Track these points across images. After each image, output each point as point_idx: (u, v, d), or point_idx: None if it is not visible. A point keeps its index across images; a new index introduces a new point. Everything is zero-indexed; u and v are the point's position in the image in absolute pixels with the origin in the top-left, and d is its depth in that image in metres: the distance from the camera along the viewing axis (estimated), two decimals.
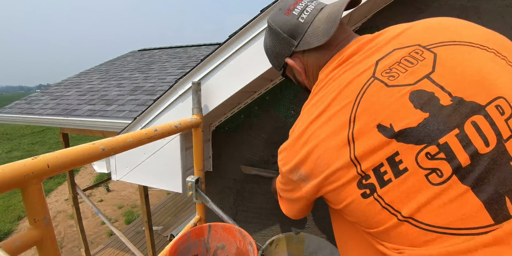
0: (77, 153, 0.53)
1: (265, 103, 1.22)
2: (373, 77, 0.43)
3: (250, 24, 0.90)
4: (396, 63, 0.43)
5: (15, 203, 6.97)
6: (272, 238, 0.94)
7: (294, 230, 1.29)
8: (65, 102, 3.39)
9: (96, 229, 5.54)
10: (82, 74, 4.88)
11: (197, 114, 0.99)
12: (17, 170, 0.42)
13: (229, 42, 0.94)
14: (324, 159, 0.44)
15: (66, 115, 2.92)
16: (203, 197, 1.02)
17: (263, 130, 1.25)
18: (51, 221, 0.49)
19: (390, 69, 0.43)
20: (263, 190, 1.31)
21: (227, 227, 0.91)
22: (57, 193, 7.43)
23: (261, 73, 0.92)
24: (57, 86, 4.29)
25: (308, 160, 0.47)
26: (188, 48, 5.83)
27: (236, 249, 0.90)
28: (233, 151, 1.31)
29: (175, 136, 1.08)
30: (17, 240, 0.43)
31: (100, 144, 0.58)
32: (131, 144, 0.66)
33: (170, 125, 0.83)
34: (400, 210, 0.38)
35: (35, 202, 0.46)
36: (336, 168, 0.43)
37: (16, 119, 3.32)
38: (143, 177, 1.20)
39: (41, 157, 0.47)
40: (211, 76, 1.00)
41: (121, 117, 2.61)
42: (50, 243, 0.48)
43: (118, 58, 5.84)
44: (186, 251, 0.87)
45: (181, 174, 1.11)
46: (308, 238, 0.97)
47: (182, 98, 1.06)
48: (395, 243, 0.40)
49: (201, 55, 4.69)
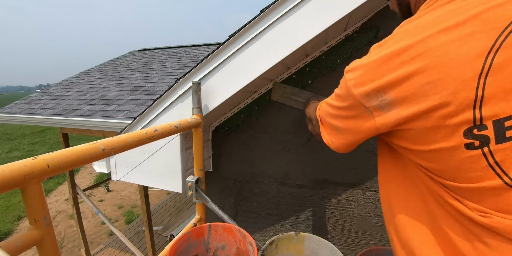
0: (77, 153, 0.53)
1: (265, 103, 1.22)
2: None
3: (250, 24, 0.90)
4: None
5: (15, 203, 6.97)
6: (272, 238, 0.94)
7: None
8: (65, 102, 3.40)
9: (96, 229, 5.54)
10: (82, 74, 4.89)
11: (197, 114, 0.99)
12: (17, 170, 0.42)
13: (229, 42, 0.94)
14: (438, 87, 0.35)
15: (66, 115, 2.92)
16: (203, 197, 1.02)
17: (263, 130, 1.25)
18: (51, 221, 0.49)
19: None
20: (263, 190, 1.31)
21: (227, 227, 0.91)
22: (57, 193, 7.43)
23: (262, 73, 0.92)
24: (57, 86, 4.29)
25: (409, 82, 0.37)
26: (188, 48, 5.83)
27: (236, 249, 0.90)
28: (233, 151, 1.31)
29: (175, 136, 1.08)
30: (17, 240, 0.43)
31: (100, 144, 0.58)
32: (131, 144, 0.66)
33: (170, 125, 0.83)
34: (508, 173, 0.34)
35: (35, 202, 0.46)
36: (447, 103, 0.35)
37: (16, 119, 3.32)
38: (143, 177, 1.20)
39: (41, 157, 0.47)
40: (211, 76, 1.00)
41: (121, 117, 2.61)
42: (50, 243, 0.48)
43: (118, 58, 5.84)
44: (186, 251, 0.87)
45: (181, 174, 1.11)
46: (308, 238, 0.97)
47: (182, 98, 1.06)
48: (484, 205, 0.36)
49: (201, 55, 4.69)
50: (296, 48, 0.87)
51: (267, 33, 0.89)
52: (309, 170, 1.22)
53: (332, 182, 1.20)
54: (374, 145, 1.11)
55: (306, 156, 1.21)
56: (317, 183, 1.22)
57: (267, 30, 0.89)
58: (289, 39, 0.87)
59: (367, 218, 1.19)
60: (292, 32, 0.86)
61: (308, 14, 0.84)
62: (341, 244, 1.24)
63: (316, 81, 1.15)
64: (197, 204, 1.09)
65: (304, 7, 0.84)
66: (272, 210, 1.31)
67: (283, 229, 1.32)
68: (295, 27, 0.86)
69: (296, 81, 1.17)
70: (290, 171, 1.25)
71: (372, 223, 1.19)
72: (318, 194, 1.23)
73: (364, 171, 1.15)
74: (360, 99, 0.43)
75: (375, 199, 1.16)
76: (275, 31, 0.89)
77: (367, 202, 1.18)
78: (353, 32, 1.05)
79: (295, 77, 1.17)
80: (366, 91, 0.42)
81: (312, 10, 0.83)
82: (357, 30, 1.05)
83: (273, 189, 1.29)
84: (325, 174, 1.20)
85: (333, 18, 0.82)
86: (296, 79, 1.17)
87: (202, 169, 1.07)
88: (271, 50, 0.90)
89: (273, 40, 0.89)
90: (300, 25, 0.85)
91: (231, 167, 1.34)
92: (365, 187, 1.17)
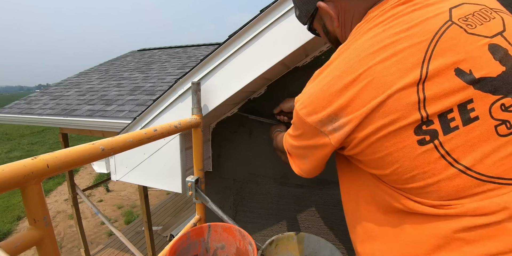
0: (77, 153, 0.53)
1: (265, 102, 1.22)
2: (451, 21, 0.40)
3: (250, 24, 0.90)
4: (470, 14, 0.41)
5: (14, 203, 6.96)
6: (272, 238, 0.94)
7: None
8: (65, 102, 3.39)
9: (96, 229, 5.53)
10: (81, 74, 4.88)
11: (196, 114, 0.99)
12: (17, 170, 0.42)
13: (229, 42, 0.94)
14: (384, 99, 0.39)
15: (65, 115, 2.92)
16: (203, 197, 1.02)
17: (263, 129, 1.25)
18: (51, 221, 0.49)
19: (466, 18, 0.41)
20: (263, 190, 1.31)
21: (226, 227, 0.91)
22: (57, 193, 7.42)
23: (261, 73, 0.92)
24: (56, 86, 4.29)
25: (358, 101, 0.41)
26: (188, 48, 5.83)
27: (236, 249, 0.90)
28: (233, 151, 1.31)
29: (175, 136, 1.08)
30: (17, 240, 0.43)
31: (100, 144, 0.58)
32: (131, 144, 0.66)
33: (170, 125, 0.83)
34: (459, 160, 0.37)
35: (35, 202, 0.46)
36: (394, 110, 0.39)
37: (16, 119, 3.32)
38: (142, 177, 1.20)
39: (41, 157, 0.46)
40: (210, 76, 1.00)
41: (120, 117, 2.61)
42: (49, 243, 0.48)
43: (118, 58, 5.84)
44: (185, 251, 0.87)
45: (181, 174, 1.11)
46: (308, 238, 0.97)
47: (182, 98, 1.06)
48: (440, 198, 0.39)
49: (201, 55, 4.69)
50: (295, 48, 0.87)
51: (267, 33, 0.89)
52: None
53: (332, 182, 1.20)
54: None
55: None
56: (317, 183, 1.22)
57: (267, 30, 0.89)
58: (288, 39, 0.87)
59: None
60: (292, 32, 0.86)
61: None
62: (341, 244, 1.24)
63: None
64: (196, 204, 1.09)
65: None
66: (272, 210, 1.31)
67: (283, 229, 1.32)
68: (295, 27, 0.86)
69: None
70: (290, 171, 1.25)
71: None
72: (318, 194, 1.23)
73: None
74: (314, 126, 0.46)
75: None
76: (275, 31, 0.89)
77: None
78: None
79: None
80: (318, 118, 0.45)
81: None
82: None
83: (273, 189, 1.29)
84: (325, 174, 1.20)
85: None
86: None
87: (202, 169, 1.07)
88: (270, 50, 0.90)
89: (273, 40, 0.89)
90: (300, 25, 0.85)
91: (231, 167, 1.34)
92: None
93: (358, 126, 0.42)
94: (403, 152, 0.40)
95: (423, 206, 0.41)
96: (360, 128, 0.42)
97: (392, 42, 0.40)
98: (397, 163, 0.41)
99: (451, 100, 0.37)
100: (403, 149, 0.40)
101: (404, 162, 0.40)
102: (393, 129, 0.39)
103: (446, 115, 0.38)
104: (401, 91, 0.38)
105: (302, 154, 0.57)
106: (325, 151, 0.50)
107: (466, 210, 0.38)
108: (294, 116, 0.51)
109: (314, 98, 0.45)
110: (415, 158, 0.39)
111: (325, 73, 0.46)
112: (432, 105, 0.38)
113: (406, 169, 0.40)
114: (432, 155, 0.38)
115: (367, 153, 0.44)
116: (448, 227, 0.39)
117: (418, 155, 0.39)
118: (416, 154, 0.39)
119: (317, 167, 0.58)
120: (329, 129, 0.45)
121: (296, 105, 0.49)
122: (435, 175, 0.39)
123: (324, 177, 1.20)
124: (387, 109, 0.39)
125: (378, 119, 0.40)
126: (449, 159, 0.38)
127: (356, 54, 0.42)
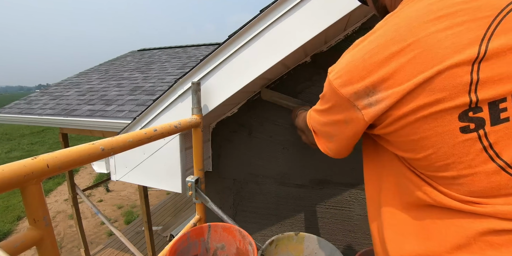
0: (77, 153, 0.53)
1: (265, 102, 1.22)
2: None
3: (250, 24, 0.90)
4: None
5: (14, 203, 6.96)
6: (272, 238, 0.94)
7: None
8: (65, 102, 3.39)
9: (96, 229, 5.53)
10: (81, 74, 4.88)
11: (196, 114, 0.99)
12: (17, 170, 0.42)
13: (229, 42, 0.94)
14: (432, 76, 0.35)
15: (65, 115, 2.92)
16: (203, 197, 1.02)
17: (263, 130, 1.25)
18: (51, 221, 0.49)
19: None
20: (263, 190, 1.31)
21: (226, 227, 0.91)
22: (57, 193, 7.42)
23: (261, 73, 0.92)
24: (56, 86, 4.29)
25: (402, 75, 0.36)
26: (188, 48, 5.83)
27: (236, 249, 0.90)
28: (232, 151, 1.31)
29: (175, 136, 1.08)
30: (17, 240, 0.43)
31: (100, 144, 0.58)
32: (131, 144, 0.66)
33: (170, 125, 0.83)
34: (501, 155, 0.34)
35: (35, 202, 0.46)
36: (441, 89, 0.35)
37: (16, 119, 3.32)
38: (142, 177, 1.20)
39: (41, 157, 0.46)
40: (210, 76, 1.00)
41: (120, 117, 2.61)
42: (49, 243, 0.48)
43: (118, 58, 5.84)
44: (185, 251, 0.87)
45: (181, 174, 1.11)
46: (308, 238, 0.97)
47: (182, 98, 1.06)
48: (470, 193, 0.36)
49: (201, 55, 4.69)
50: (295, 48, 0.87)
51: (267, 33, 0.90)
52: (308, 170, 1.22)
53: (332, 182, 1.20)
54: None
55: (305, 156, 1.21)
56: (317, 183, 1.22)
57: (267, 30, 0.89)
58: (288, 39, 0.87)
59: (367, 218, 1.19)
60: (292, 32, 0.86)
61: (308, 14, 0.84)
62: (341, 244, 1.24)
63: None
64: (196, 204, 1.09)
65: (304, 7, 0.84)
66: (272, 210, 1.31)
67: (282, 229, 1.32)
68: (295, 27, 0.86)
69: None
70: (289, 171, 1.25)
71: None
72: (317, 194, 1.23)
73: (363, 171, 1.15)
74: (348, 98, 0.42)
75: None
76: (274, 31, 0.89)
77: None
78: (353, 32, 1.05)
79: None
80: (354, 89, 0.41)
81: (312, 10, 0.83)
82: (356, 30, 1.05)
83: (273, 189, 1.29)
84: (325, 174, 1.20)
85: (332, 18, 0.82)
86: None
87: (202, 169, 1.07)
88: (270, 50, 0.90)
89: (273, 40, 0.89)
90: (299, 25, 0.85)
91: (231, 167, 1.34)
92: (365, 187, 1.17)
93: (397, 102, 0.37)
94: (442, 137, 0.36)
95: (449, 199, 0.38)
96: (399, 105, 0.38)
97: (451, 13, 0.35)
98: (432, 148, 0.37)
99: (506, 87, 0.33)
100: (442, 135, 0.36)
101: (441, 149, 0.37)
102: (436, 111, 0.35)
103: (498, 103, 0.33)
104: (453, 69, 0.34)
105: (329, 132, 0.53)
106: (356, 128, 0.45)
107: (496, 211, 0.35)
108: (326, 87, 0.47)
109: (352, 67, 0.41)
110: (453, 146, 0.36)
111: (368, 40, 0.41)
112: (485, 89, 0.33)
113: (441, 156, 0.37)
114: (474, 145, 0.35)
115: (400, 134, 0.40)
116: (472, 227, 0.36)
117: (458, 143, 0.35)
118: (456, 142, 0.35)
119: (346, 147, 0.53)
120: (363, 103, 0.40)
121: (330, 75, 0.44)
122: (471, 167, 0.35)
123: (324, 177, 1.20)
124: (433, 87, 0.35)
125: (422, 97, 0.36)
126: (490, 153, 0.34)
127: (407, 22, 0.37)
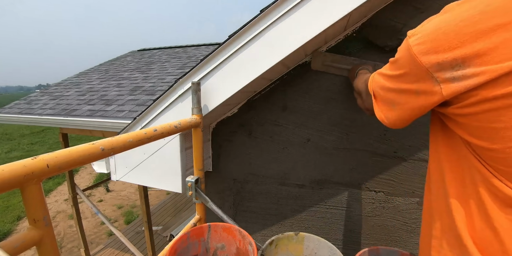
0: (77, 153, 0.53)
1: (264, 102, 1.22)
2: None
3: (250, 24, 0.90)
4: None
5: (14, 203, 6.96)
6: (271, 238, 0.94)
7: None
8: (65, 102, 3.39)
9: (96, 229, 5.53)
10: (81, 74, 4.89)
11: (196, 114, 0.99)
12: (17, 170, 0.42)
13: (229, 42, 0.94)
14: None
15: (65, 115, 2.92)
16: (203, 197, 1.02)
17: (263, 130, 1.25)
18: (51, 221, 0.49)
19: None
20: (263, 190, 1.31)
21: (226, 227, 0.91)
22: (57, 193, 7.42)
23: (261, 72, 0.92)
24: (56, 86, 4.29)
25: (503, 52, 0.31)
26: (188, 48, 5.83)
27: (236, 249, 0.90)
28: (233, 151, 1.31)
29: (175, 136, 1.08)
30: (17, 240, 0.43)
31: (100, 144, 0.58)
32: (131, 144, 0.66)
33: (170, 125, 0.83)
34: None
35: (35, 202, 0.46)
36: None
37: (16, 119, 3.32)
38: (142, 177, 1.20)
39: (41, 157, 0.46)
40: (210, 76, 1.00)
41: (120, 117, 2.61)
42: (49, 243, 0.48)
43: (118, 58, 5.84)
44: (185, 251, 0.87)
45: (181, 174, 1.11)
46: (308, 238, 0.97)
47: (182, 98, 1.06)
48: None
49: (201, 55, 4.69)
50: (295, 48, 0.87)
51: (267, 33, 0.89)
52: (309, 170, 1.22)
53: (332, 182, 1.20)
54: (374, 145, 1.12)
55: (306, 156, 1.21)
56: (317, 183, 1.22)
57: (267, 30, 0.89)
58: (288, 39, 0.87)
59: (367, 218, 1.19)
60: (292, 32, 0.86)
61: (308, 14, 0.84)
62: (341, 244, 1.24)
63: None
64: (196, 204, 1.09)
65: (304, 7, 0.84)
66: (272, 210, 1.31)
67: (283, 229, 1.32)
68: (295, 27, 0.86)
69: None
70: (289, 171, 1.25)
71: (372, 223, 1.19)
72: (318, 194, 1.23)
73: (363, 171, 1.15)
74: (428, 68, 0.37)
75: (375, 199, 1.17)
76: (274, 31, 0.89)
77: (367, 202, 1.18)
78: (353, 32, 1.05)
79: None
80: (438, 59, 0.35)
81: (312, 10, 0.83)
82: (356, 30, 1.05)
83: (273, 189, 1.29)
84: (325, 174, 1.20)
85: (332, 18, 0.82)
86: None
87: (202, 169, 1.07)
88: (270, 50, 0.90)
89: (273, 40, 0.89)
90: (299, 25, 0.85)
91: (231, 167, 1.34)
92: (365, 187, 1.17)
93: (489, 82, 0.32)
94: None
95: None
96: (491, 86, 0.32)
97: None
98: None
99: None
100: None
101: None
102: None
103: None
104: None
105: (393, 99, 0.47)
106: (426, 102, 0.40)
107: None
108: (402, 52, 0.42)
109: (442, 33, 0.35)
110: None
111: (467, 5, 0.35)
112: None
113: None
114: None
115: (479, 118, 0.35)
116: None
117: None
118: None
119: (407, 118, 0.47)
120: (446, 76, 0.35)
121: (411, 40, 0.39)
122: None
123: (324, 177, 1.21)
124: None
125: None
126: None
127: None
